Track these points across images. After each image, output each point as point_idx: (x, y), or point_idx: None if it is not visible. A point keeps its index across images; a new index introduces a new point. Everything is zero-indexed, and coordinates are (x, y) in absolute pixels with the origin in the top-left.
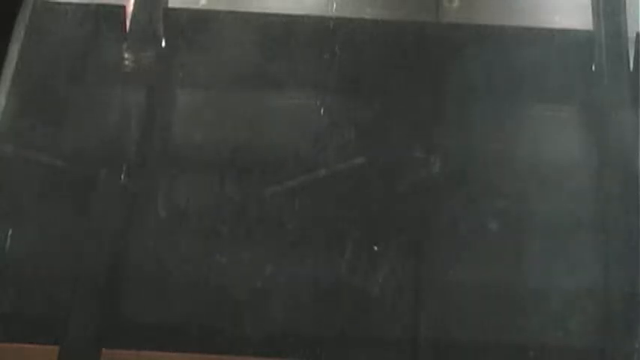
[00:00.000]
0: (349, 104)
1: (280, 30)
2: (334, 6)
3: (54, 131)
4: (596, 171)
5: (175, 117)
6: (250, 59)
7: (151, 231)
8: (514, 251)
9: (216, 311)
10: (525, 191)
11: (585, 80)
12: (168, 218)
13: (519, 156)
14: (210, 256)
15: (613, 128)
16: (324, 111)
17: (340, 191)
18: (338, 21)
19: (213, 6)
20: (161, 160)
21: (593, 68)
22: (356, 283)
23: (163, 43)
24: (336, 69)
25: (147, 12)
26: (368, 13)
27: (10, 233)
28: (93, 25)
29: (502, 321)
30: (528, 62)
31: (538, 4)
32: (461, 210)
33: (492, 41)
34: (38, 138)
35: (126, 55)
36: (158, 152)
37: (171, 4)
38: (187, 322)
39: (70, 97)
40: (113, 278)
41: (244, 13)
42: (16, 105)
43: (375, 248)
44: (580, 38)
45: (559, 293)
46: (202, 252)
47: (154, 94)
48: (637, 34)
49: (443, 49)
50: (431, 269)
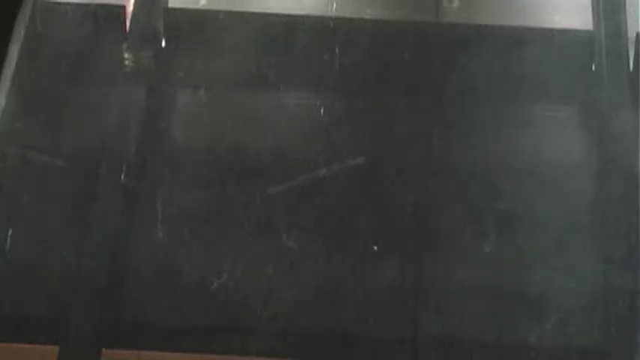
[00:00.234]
0: (349, 104)
1: (280, 30)
2: (334, 6)
3: (54, 131)
4: (596, 171)
5: (175, 117)
6: (250, 59)
7: (151, 231)
8: (514, 251)
9: (216, 311)
10: (525, 191)
11: (585, 80)
12: (168, 218)
13: (519, 156)
14: (210, 256)
15: (613, 128)
16: (324, 111)
17: (340, 191)
18: (338, 21)
19: (213, 6)
20: (161, 160)
21: (593, 68)
22: (356, 283)
23: (163, 43)
24: (336, 69)
25: (147, 12)
26: (368, 13)
27: (10, 233)
28: (93, 25)
29: (502, 321)
30: (528, 62)
31: (538, 4)
32: (461, 210)
33: (492, 41)
34: (38, 138)
35: (126, 55)
36: (158, 152)
37: (171, 4)
38: (187, 322)
39: (70, 97)
40: (113, 278)
41: (244, 13)
42: (16, 105)
43: (375, 248)
44: (580, 38)
45: (559, 293)
46: (202, 252)
47: (154, 94)
48: (637, 34)
49: (443, 49)
50: (431, 269)
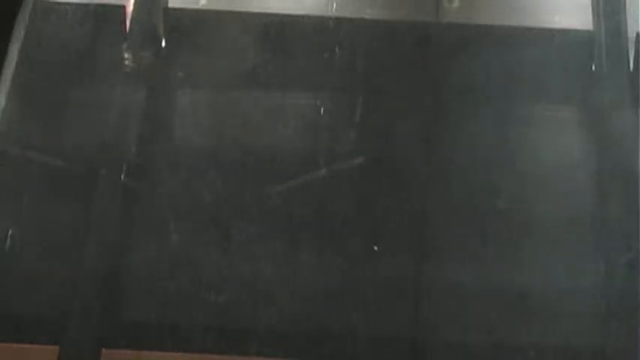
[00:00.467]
0: (349, 104)
1: (280, 30)
2: (334, 6)
3: (54, 131)
4: (596, 171)
5: (175, 117)
6: (250, 59)
7: (151, 231)
8: (514, 251)
9: (216, 311)
10: (525, 191)
11: (585, 80)
12: (168, 218)
13: (519, 156)
14: (210, 256)
15: (613, 128)
16: (324, 111)
17: (340, 191)
18: (338, 21)
19: (213, 6)
20: (161, 160)
21: (593, 68)
22: (356, 283)
23: (163, 43)
24: (336, 69)
25: (147, 12)
26: (368, 13)
27: (10, 233)
28: (93, 25)
29: (502, 321)
30: (528, 62)
31: (538, 4)
32: (461, 210)
33: (492, 41)
34: (38, 138)
35: (126, 55)
36: (158, 152)
37: (171, 4)
38: (187, 322)
39: (70, 97)
40: (113, 278)
41: (244, 13)
42: (16, 105)
43: (375, 248)
44: (580, 38)
45: (559, 293)
46: (202, 252)
47: (154, 94)
48: (637, 34)
49: (443, 49)
50: (431, 269)
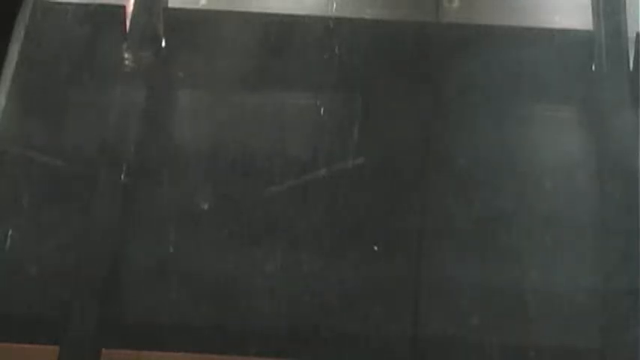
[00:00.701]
0: (349, 104)
1: (280, 30)
2: (334, 6)
3: (54, 131)
4: (596, 171)
5: (175, 117)
6: (250, 59)
7: (151, 231)
8: (514, 251)
9: (216, 311)
10: (525, 191)
11: (585, 80)
12: (168, 218)
13: (519, 156)
14: (210, 256)
15: (613, 128)
16: (324, 111)
17: (340, 191)
18: (338, 21)
19: (213, 6)
20: (161, 160)
21: (593, 68)
22: (356, 283)
23: (163, 43)
24: (336, 69)
25: (147, 12)
26: (368, 13)
27: (10, 233)
28: (93, 25)
29: (502, 321)
30: (528, 62)
31: (538, 4)
32: (461, 210)
33: (492, 41)
34: (38, 138)
35: (126, 55)
36: (158, 152)
37: (171, 4)
38: (187, 322)
39: (70, 97)
40: (113, 278)
41: (244, 13)
42: (16, 105)
43: (375, 248)
44: (580, 38)
45: (559, 293)
46: (202, 251)
47: (154, 94)
48: (637, 34)
49: (443, 49)
50: (431, 269)
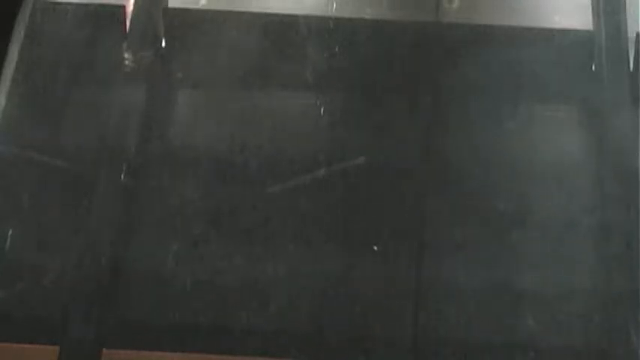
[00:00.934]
0: (349, 104)
1: (280, 30)
2: (334, 6)
3: (54, 131)
4: (596, 171)
5: (175, 117)
6: (250, 59)
7: (151, 231)
8: (514, 251)
9: (216, 311)
10: (525, 191)
11: (585, 80)
12: (168, 218)
13: (519, 156)
14: (210, 256)
15: (613, 128)
16: (324, 111)
17: (340, 191)
18: (338, 21)
19: (213, 6)
20: (161, 160)
21: (593, 68)
22: (356, 284)
23: (163, 43)
24: (336, 69)
25: (147, 12)
26: (368, 13)
27: (10, 233)
28: (93, 25)
29: (502, 321)
30: (528, 62)
31: (538, 4)
32: (460, 210)
33: (492, 41)
34: (38, 138)
35: (126, 55)
36: (158, 152)
37: (171, 4)
38: (187, 322)
39: (70, 97)
40: (113, 278)
41: (244, 13)
42: (16, 105)
43: (375, 248)
44: (580, 38)
45: (559, 293)
46: (202, 251)
47: (154, 94)
48: (637, 34)
49: (443, 49)
50: (431, 269)
